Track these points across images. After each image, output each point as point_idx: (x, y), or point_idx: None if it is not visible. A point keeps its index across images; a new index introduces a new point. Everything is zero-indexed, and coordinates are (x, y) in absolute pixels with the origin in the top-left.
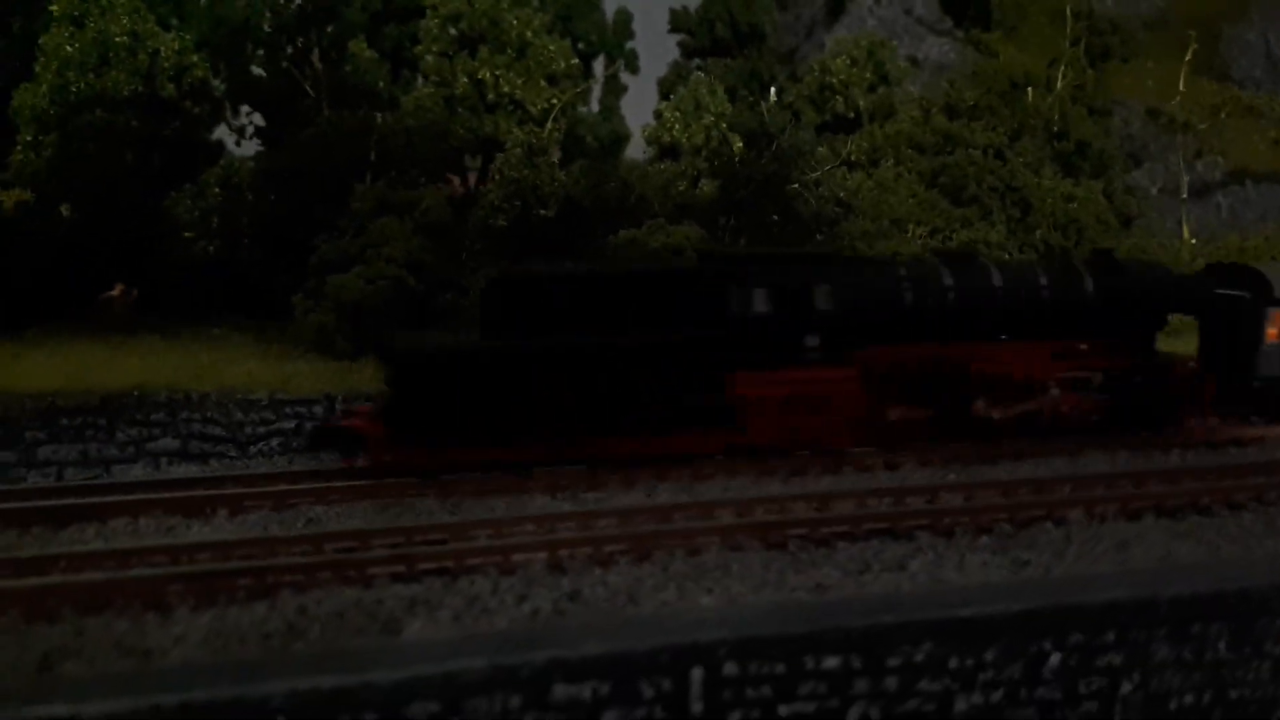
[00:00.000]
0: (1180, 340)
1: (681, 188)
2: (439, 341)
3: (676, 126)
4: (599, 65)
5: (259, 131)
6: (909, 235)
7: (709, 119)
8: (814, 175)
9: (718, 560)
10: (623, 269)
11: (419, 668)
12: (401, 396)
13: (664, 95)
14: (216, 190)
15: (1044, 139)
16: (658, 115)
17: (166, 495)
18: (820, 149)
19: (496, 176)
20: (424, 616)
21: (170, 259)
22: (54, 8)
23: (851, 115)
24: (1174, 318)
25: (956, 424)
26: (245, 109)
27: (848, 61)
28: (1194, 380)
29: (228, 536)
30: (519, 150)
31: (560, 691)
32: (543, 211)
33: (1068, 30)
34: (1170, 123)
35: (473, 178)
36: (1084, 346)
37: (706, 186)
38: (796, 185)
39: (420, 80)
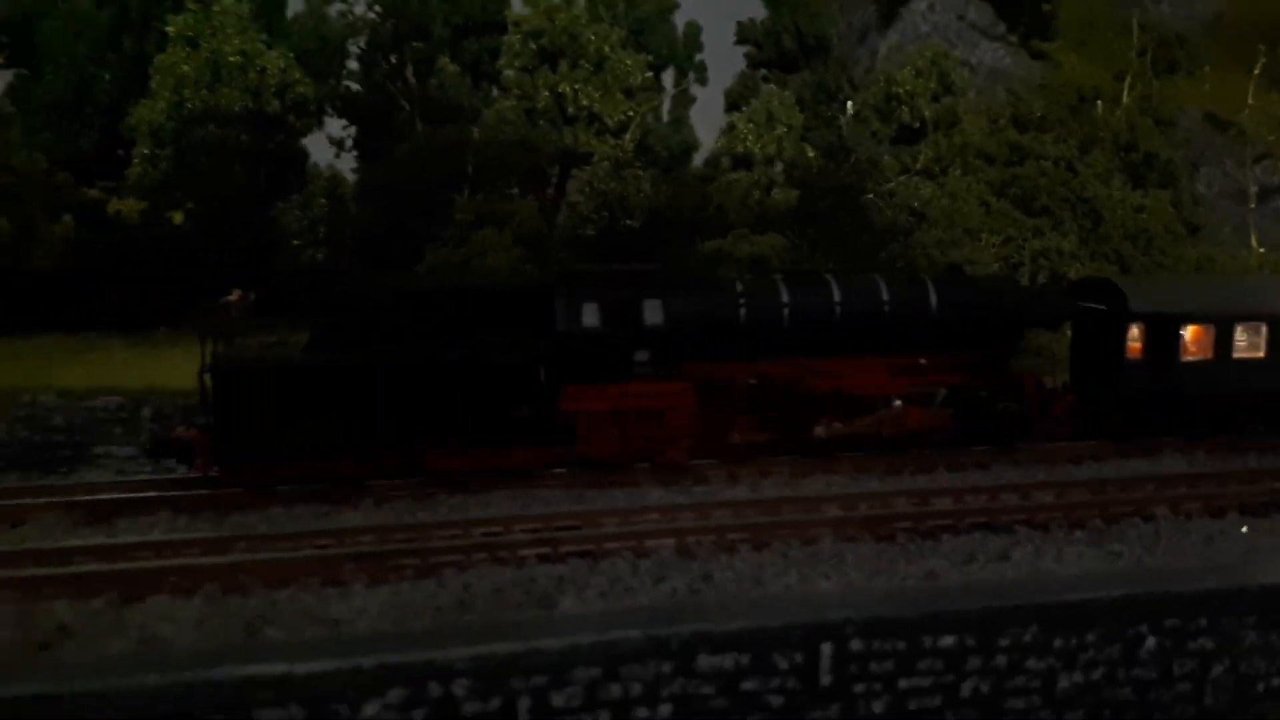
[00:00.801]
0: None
1: (756, 196)
2: (258, 354)
3: (749, 138)
4: (668, 77)
5: (355, 144)
6: (982, 244)
7: (781, 130)
8: (889, 185)
9: (832, 550)
10: (453, 285)
11: (581, 636)
12: (222, 409)
13: (729, 106)
14: (322, 201)
15: (1112, 151)
16: (730, 127)
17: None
18: (886, 159)
19: (587, 189)
20: (573, 594)
21: (281, 266)
22: (170, 29)
23: (917, 125)
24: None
25: (796, 439)
26: (342, 123)
27: (912, 72)
28: (1047, 395)
29: (383, 521)
30: (606, 163)
31: (705, 661)
32: (629, 222)
33: (1134, 42)
34: (1240, 134)
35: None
36: (924, 361)
37: (779, 195)
38: (871, 195)
39: (496, 93)
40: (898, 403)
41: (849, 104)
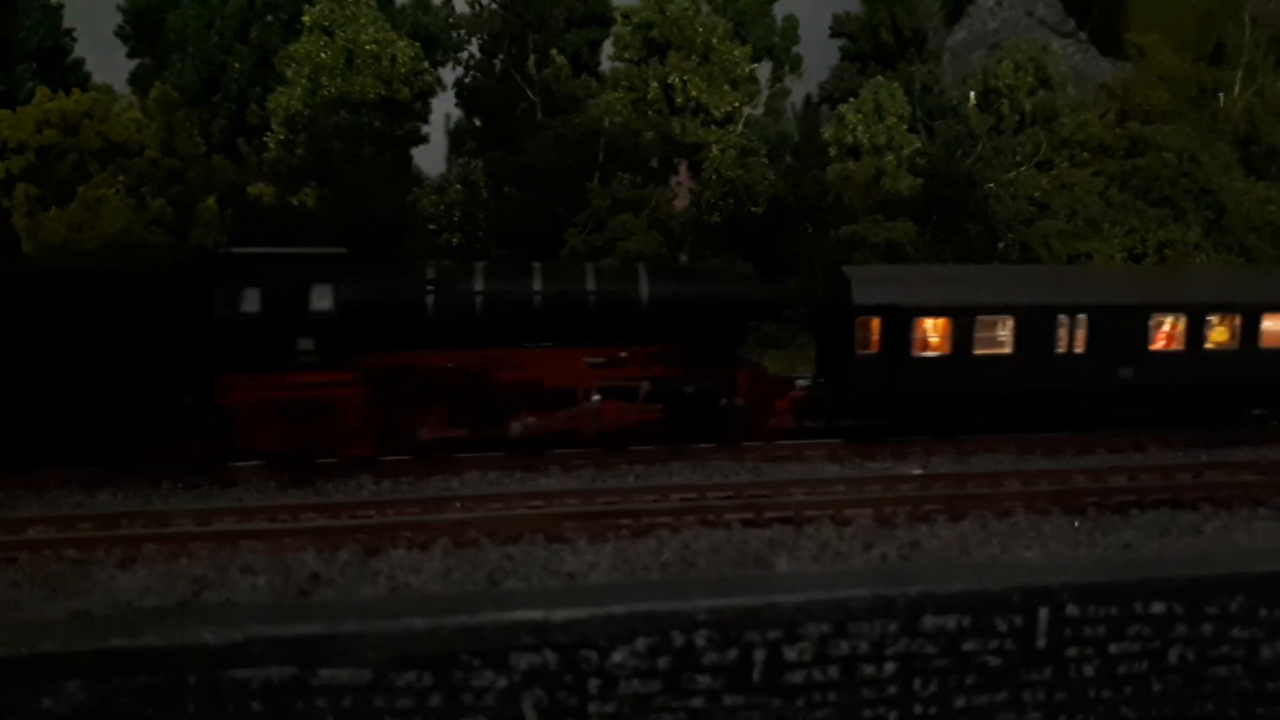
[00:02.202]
0: None
1: (883, 184)
2: None
3: (859, 128)
4: (765, 69)
5: (479, 133)
6: (1105, 235)
7: (891, 120)
8: (1010, 175)
9: (1029, 522)
10: (108, 264)
11: (814, 593)
12: None
13: (823, 98)
14: (458, 187)
15: (1232, 143)
16: (840, 118)
17: (490, 454)
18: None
19: (714, 177)
20: (786, 555)
21: (418, 250)
22: (306, 18)
23: (1017, 118)
24: None
25: (488, 431)
26: (457, 110)
27: (1012, 66)
28: (770, 389)
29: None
30: (733, 151)
31: (929, 622)
32: (753, 209)
33: (1247, 36)
34: None
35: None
36: (625, 354)
37: (899, 183)
38: (993, 185)
39: (594, 82)
40: (596, 397)
41: (971, 95)
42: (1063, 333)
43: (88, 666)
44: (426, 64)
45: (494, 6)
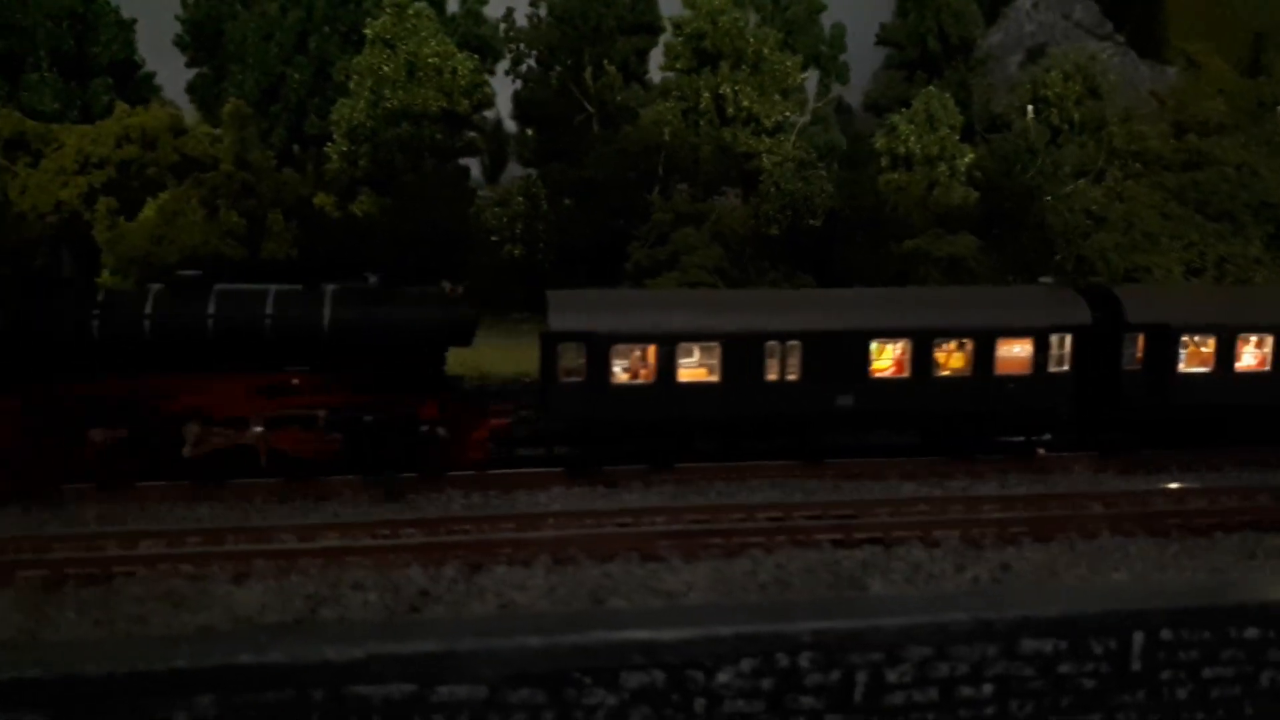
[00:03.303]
0: None
1: (937, 195)
2: None
3: (912, 138)
4: (812, 78)
5: (537, 146)
6: (1163, 249)
7: (945, 131)
8: (1067, 189)
9: (1115, 544)
10: None
11: (915, 617)
12: None
13: (867, 106)
14: (520, 200)
15: None
16: (892, 128)
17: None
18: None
19: (773, 189)
20: (879, 577)
21: (481, 260)
22: (368, 31)
23: (1066, 127)
24: None
25: (161, 463)
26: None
27: (1061, 75)
28: (460, 417)
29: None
30: (791, 164)
31: (1027, 645)
32: (812, 221)
33: None
34: None
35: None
36: (296, 381)
37: (940, 194)
38: (1050, 198)
39: (642, 91)
40: (258, 428)
41: (1029, 108)
42: (773, 360)
43: (218, 681)
44: (485, 77)
45: (550, 19)
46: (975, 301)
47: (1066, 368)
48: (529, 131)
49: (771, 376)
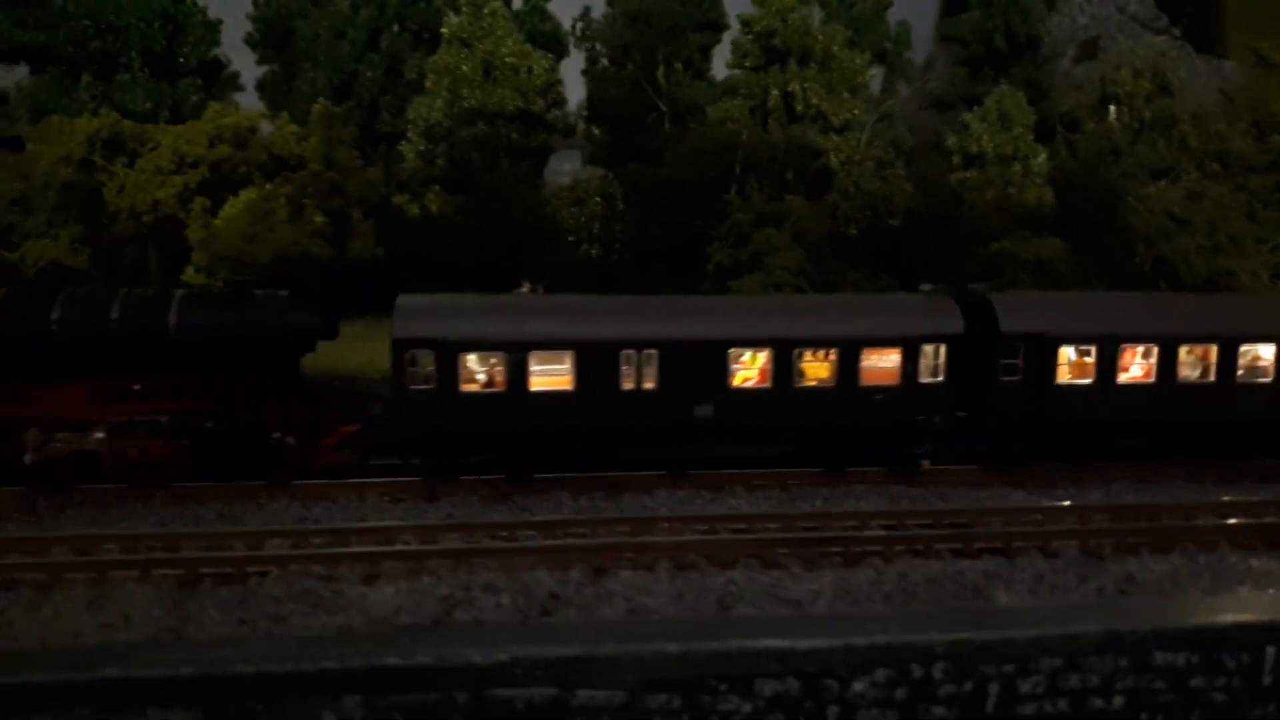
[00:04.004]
0: None
1: (1012, 195)
2: None
3: (984, 137)
4: (878, 75)
5: (609, 145)
6: (1248, 253)
7: (1018, 130)
8: (1148, 190)
9: (1237, 558)
10: None
11: (1047, 628)
12: None
13: (930, 103)
14: (598, 200)
15: None
16: (964, 125)
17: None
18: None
19: (852, 188)
20: (1003, 588)
21: (558, 260)
22: (445, 29)
23: (1136, 126)
24: None
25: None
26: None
27: (1130, 72)
28: (305, 423)
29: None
30: (870, 163)
31: (1159, 658)
32: (892, 222)
33: None
34: None
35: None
36: (137, 387)
37: (1014, 193)
38: (1132, 199)
39: (706, 89)
40: (100, 434)
41: (1111, 108)
42: (629, 368)
43: (364, 682)
44: (560, 76)
45: (624, 17)
46: (841, 310)
47: (941, 378)
48: (595, 130)
49: (628, 385)
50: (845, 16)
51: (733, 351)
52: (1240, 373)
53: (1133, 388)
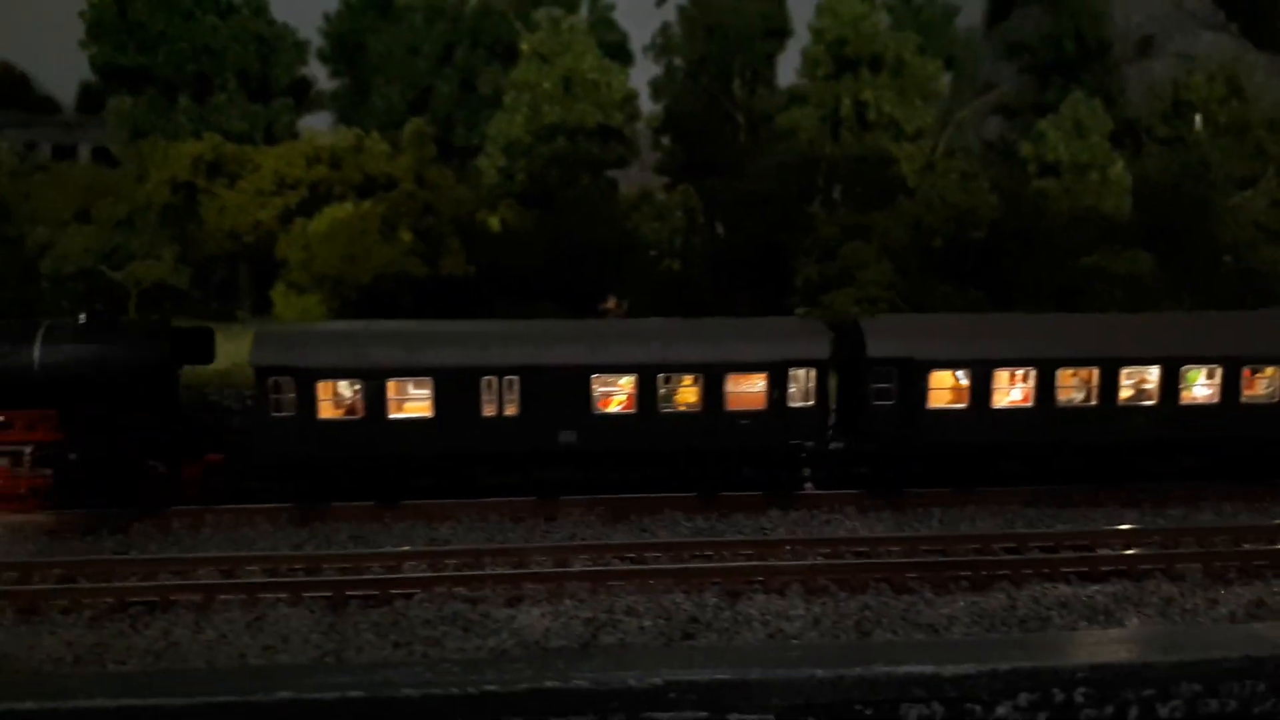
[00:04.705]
0: None
1: (1089, 204)
2: None
3: (1061, 145)
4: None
5: (685, 158)
6: None
7: (1095, 138)
8: (1234, 199)
9: None
10: None
11: (1186, 653)
12: None
13: (996, 109)
14: (679, 214)
15: None
16: (1039, 134)
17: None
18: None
19: (938, 200)
20: (1133, 612)
21: (639, 275)
22: (524, 45)
23: (1210, 131)
24: None
25: None
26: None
27: (1204, 77)
28: (179, 455)
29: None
30: (955, 175)
31: None
32: (976, 233)
33: None
34: None
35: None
36: (3, 418)
37: (1089, 201)
38: (1219, 210)
39: (770, 98)
40: None
41: (1198, 117)
42: (490, 395)
43: (525, 706)
44: (637, 91)
45: (699, 29)
46: (706, 335)
47: (812, 403)
48: (664, 141)
49: (489, 412)
50: (913, 23)
51: (595, 377)
52: (1126, 395)
53: (1010, 411)
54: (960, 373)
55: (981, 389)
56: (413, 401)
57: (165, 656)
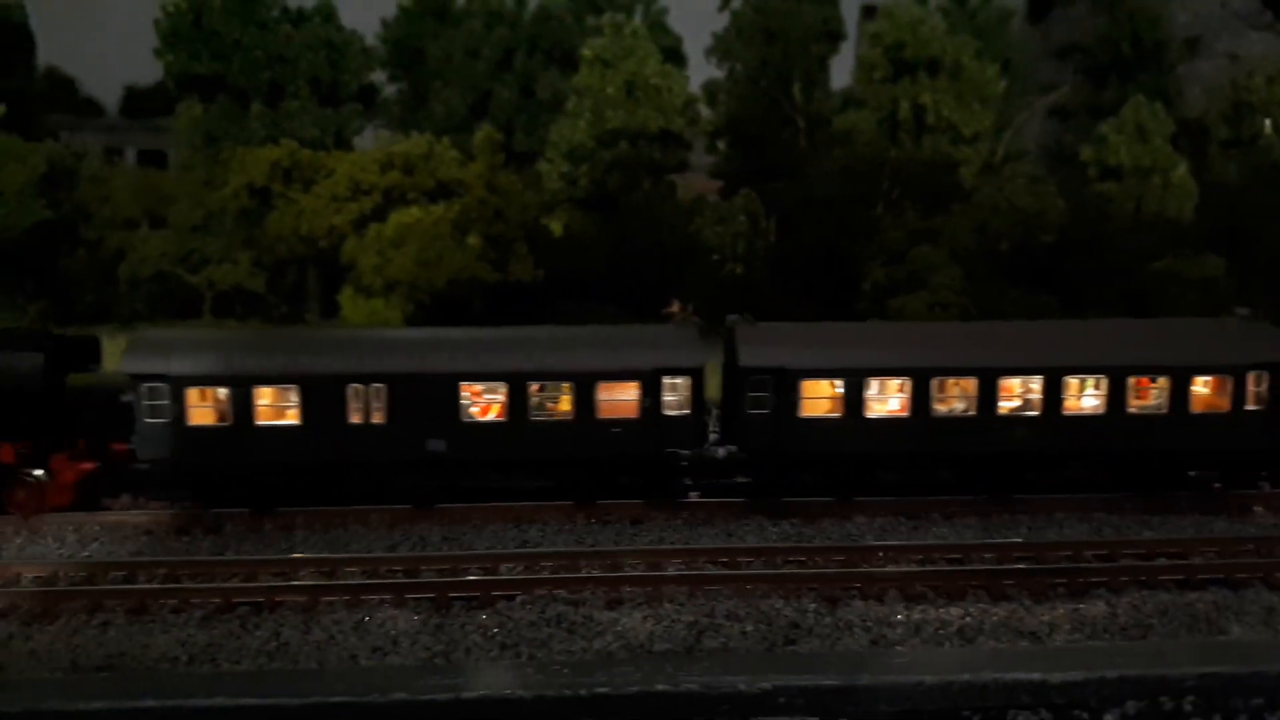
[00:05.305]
0: None
1: (1149, 207)
2: None
3: (1122, 149)
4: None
5: (742, 162)
6: None
7: (1158, 141)
8: None
9: None
10: None
11: None
12: None
13: (1050, 112)
14: (742, 218)
15: None
16: (1100, 137)
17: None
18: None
19: (1004, 204)
20: (1235, 620)
21: (702, 279)
22: (586, 51)
23: (1273, 134)
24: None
25: None
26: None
27: (1264, 78)
28: (57, 463)
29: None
30: (1022, 179)
31: None
32: (1045, 238)
33: None
34: None
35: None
36: None
37: (1150, 206)
38: None
39: (827, 102)
40: None
41: (1267, 121)
42: (356, 403)
43: (635, 708)
44: (699, 95)
45: (760, 33)
46: (578, 343)
47: (687, 411)
48: (718, 145)
49: (355, 420)
50: (968, 26)
51: (464, 385)
52: (1011, 406)
53: (885, 421)
54: (834, 382)
55: (855, 398)
56: (280, 409)
57: (277, 657)
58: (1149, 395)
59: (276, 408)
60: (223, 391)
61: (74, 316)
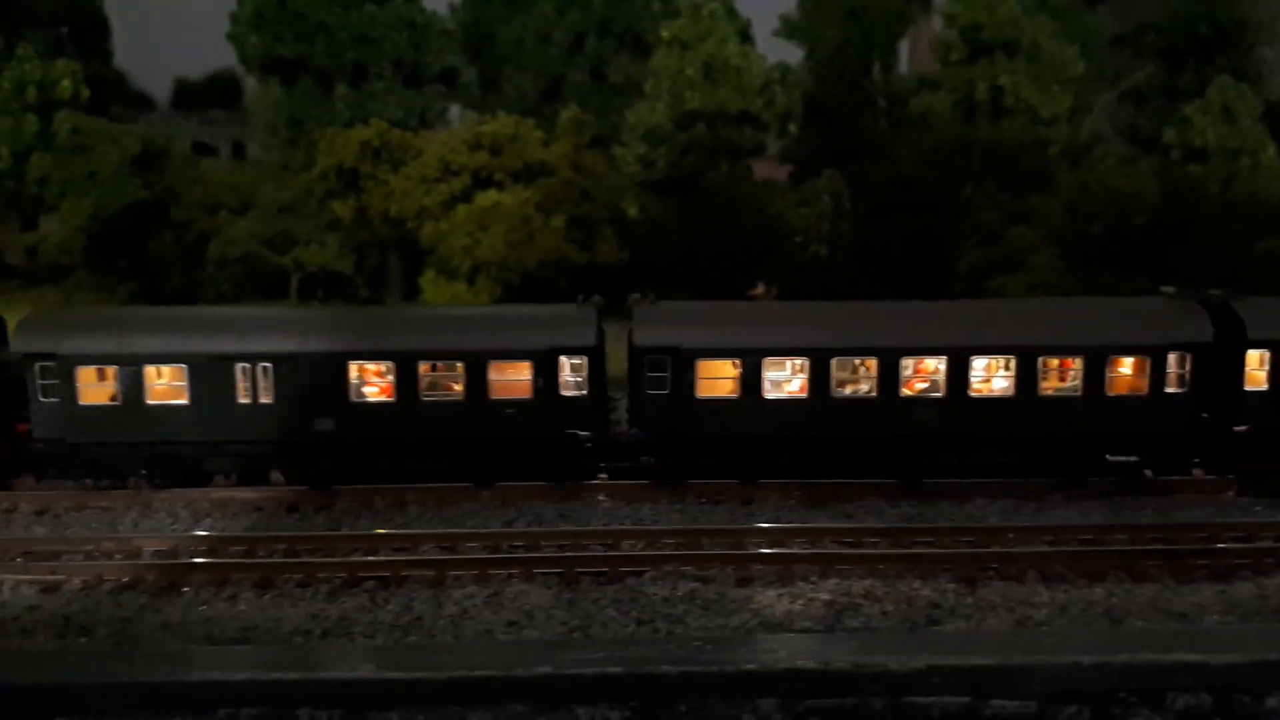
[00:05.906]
0: None
1: (1239, 189)
2: None
3: (1208, 130)
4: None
5: (820, 143)
6: None
7: (1245, 122)
8: None
9: None
10: None
11: None
12: None
13: (1123, 95)
14: (825, 199)
15: None
16: (1184, 119)
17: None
18: None
19: (1096, 185)
20: None
21: (783, 261)
22: (664, 33)
23: None
24: None
25: None
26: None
27: None
28: None
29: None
30: (1112, 160)
31: None
32: (1138, 219)
33: None
34: None
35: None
36: None
37: (1239, 187)
38: None
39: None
40: None
41: None
42: (243, 382)
43: (782, 685)
44: (778, 75)
45: (841, 13)
46: (471, 323)
47: (584, 392)
48: (791, 127)
49: (243, 399)
50: (1042, 7)
51: (353, 365)
52: (917, 387)
53: (784, 402)
54: (734, 362)
55: (752, 379)
56: (169, 388)
57: (412, 630)
58: (1062, 377)
59: (167, 387)
60: (113, 370)
61: (162, 298)
